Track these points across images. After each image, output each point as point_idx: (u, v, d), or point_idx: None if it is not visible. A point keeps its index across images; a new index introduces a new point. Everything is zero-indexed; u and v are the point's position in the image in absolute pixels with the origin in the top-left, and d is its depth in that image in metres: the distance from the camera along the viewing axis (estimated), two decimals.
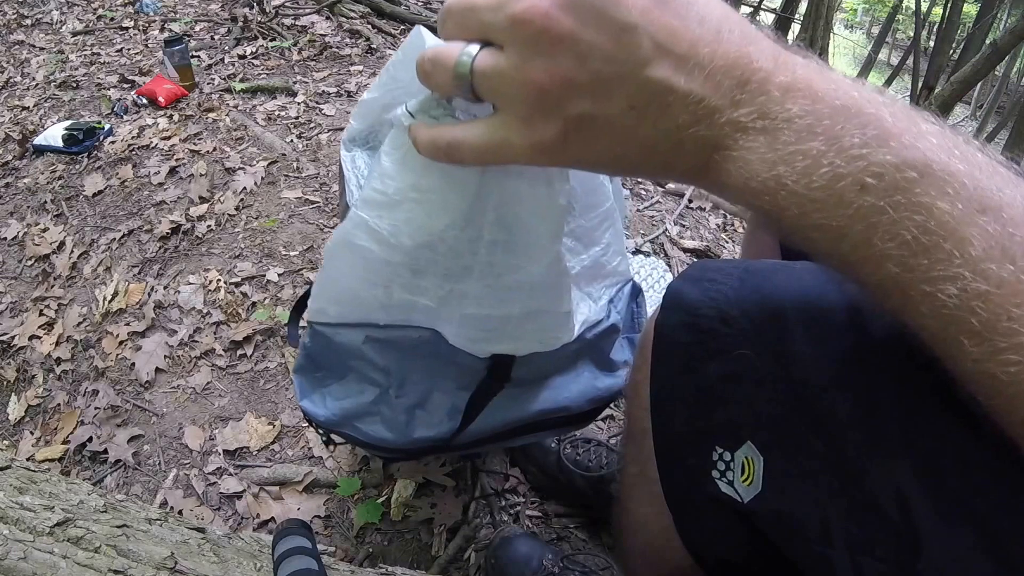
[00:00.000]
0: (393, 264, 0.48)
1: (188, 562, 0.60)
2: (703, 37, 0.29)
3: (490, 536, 0.96)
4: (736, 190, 0.30)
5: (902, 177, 0.26)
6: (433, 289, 0.49)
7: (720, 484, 0.43)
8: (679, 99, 0.29)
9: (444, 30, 0.34)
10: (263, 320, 1.36)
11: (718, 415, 0.43)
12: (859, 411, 0.37)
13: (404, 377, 0.58)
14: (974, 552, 0.33)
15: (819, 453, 0.38)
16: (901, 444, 0.35)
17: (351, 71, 2.45)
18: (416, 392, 0.58)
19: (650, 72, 0.29)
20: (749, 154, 0.29)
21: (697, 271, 0.49)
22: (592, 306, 0.58)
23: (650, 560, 0.59)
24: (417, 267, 0.48)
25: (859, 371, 0.38)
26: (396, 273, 0.49)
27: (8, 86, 2.53)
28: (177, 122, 2.10)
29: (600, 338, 0.61)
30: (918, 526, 0.34)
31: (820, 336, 0.40)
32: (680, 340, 0.46)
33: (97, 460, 1.15)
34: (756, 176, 0.29)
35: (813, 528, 0.38)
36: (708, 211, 1.96)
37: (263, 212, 1.67)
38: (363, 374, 0.58)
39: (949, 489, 0.34)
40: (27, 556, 0.54)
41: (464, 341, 0.54)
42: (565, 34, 0.29)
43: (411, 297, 0.50)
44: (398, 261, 0.47)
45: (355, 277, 0.50)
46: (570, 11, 0.29)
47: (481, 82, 0.32)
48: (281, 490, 1.07)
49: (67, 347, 1.37)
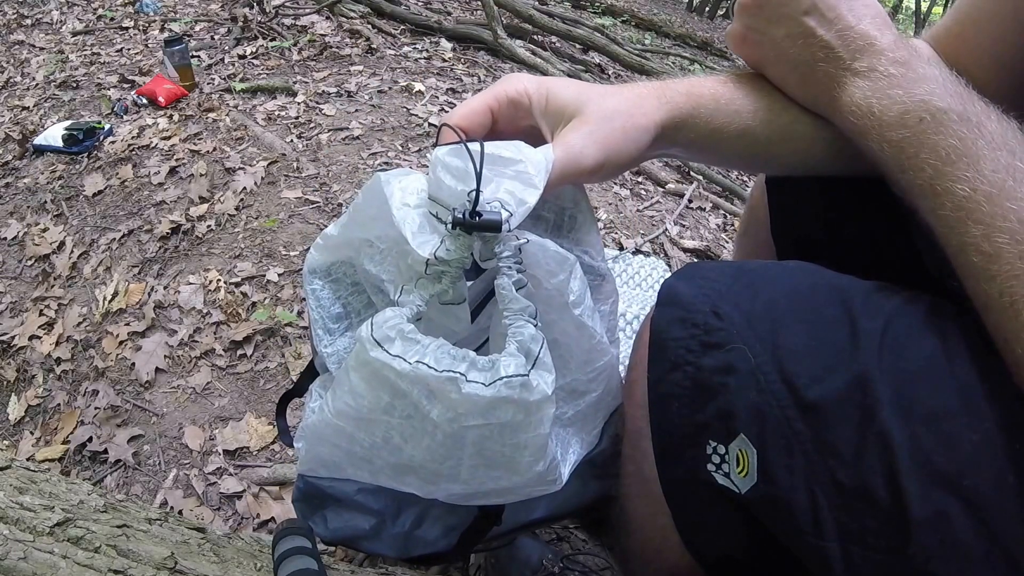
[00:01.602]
0: (375, 465, 0.48)
1: (188, 562, 0.60)
2: (848, 13, 0.46)
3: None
4: (843, 110, 0.45)
5: (945, 117, 0.40)
6: (417, 486, 0.50)
7: (717, 477, 0.44)
8: (818, 41, 0.46)
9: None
10: (263, 320, 1.36)
11: (712, 408, 0.44)
12: (850, 400, 0.38)
13: (399, 508, 0.60)
14: (965, 533, 0.34)
15: (810, 443, 0.39)
16: (892, 429, 0.36)
17: (351, 71, 2.45)
18: (411, 517, 0.60)
19: (805, 19, 0.46)
20: (856, 89, 0.45)
21: (691, 269, 0.50)
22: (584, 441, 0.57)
23: (649, 559, 0.59)
24: (399, 469, 0.48)
25: (851, 362, 0.39)
26: (379, 469, 0.49)
27: (8, 86, 2.53)
28: (177, 122, 2.10)
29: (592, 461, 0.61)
30: (908, 510, 0.35)
31: (812, 330, 0.41)
32: (675, 335, 0.46)
33: (97, 460, 1.15)
34: (857, 101, 0.44)
35: (806, 519, 0.38)
36: (708, 211, 1.96)
37: (263, 212, 1.67)
38: (359, 508, 0.60)
39: (939, 470, 0.35)
40: (27, 556, 0.54)
41: (455, 502, 0.54)
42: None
43: (398, 484, 0.51)
44: (379, 466, 0.48)
45: (341, 459, 0.50)
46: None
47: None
48: (281, 490, 1.07)
49: (67, 347, 1.38)
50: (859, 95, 0.44)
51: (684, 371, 0.46)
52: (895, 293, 0.44)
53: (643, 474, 0.53)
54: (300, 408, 1.22)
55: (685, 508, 0.49)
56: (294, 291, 1.44)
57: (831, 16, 0.46)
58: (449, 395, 0.40)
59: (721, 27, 6.99)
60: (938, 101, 0.41)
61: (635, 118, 0.47)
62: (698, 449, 0.45)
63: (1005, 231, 0.36)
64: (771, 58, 0.50)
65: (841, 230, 0.60)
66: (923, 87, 0.42)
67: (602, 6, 4.03)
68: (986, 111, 0.41)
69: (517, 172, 0.42)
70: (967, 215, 0.38)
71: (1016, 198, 0.37)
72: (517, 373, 0.39)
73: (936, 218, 0.40)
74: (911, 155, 0.41)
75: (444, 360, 0.40)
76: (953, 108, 0.40)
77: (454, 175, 0.41)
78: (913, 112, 0.41)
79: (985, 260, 0.37)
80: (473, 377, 0.39)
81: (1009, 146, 0.39)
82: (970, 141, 0.39)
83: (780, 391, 0.40)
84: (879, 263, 0.54)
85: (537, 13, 3.10)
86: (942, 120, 0.40)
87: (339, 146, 1.94)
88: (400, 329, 0.41)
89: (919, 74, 0.43)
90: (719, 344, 0.44)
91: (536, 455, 0.44)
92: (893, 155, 0.42)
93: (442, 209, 0.42)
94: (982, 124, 0.40)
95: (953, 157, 0.39)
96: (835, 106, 0.46)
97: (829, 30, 0.46)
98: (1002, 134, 0.39)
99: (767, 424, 0.41)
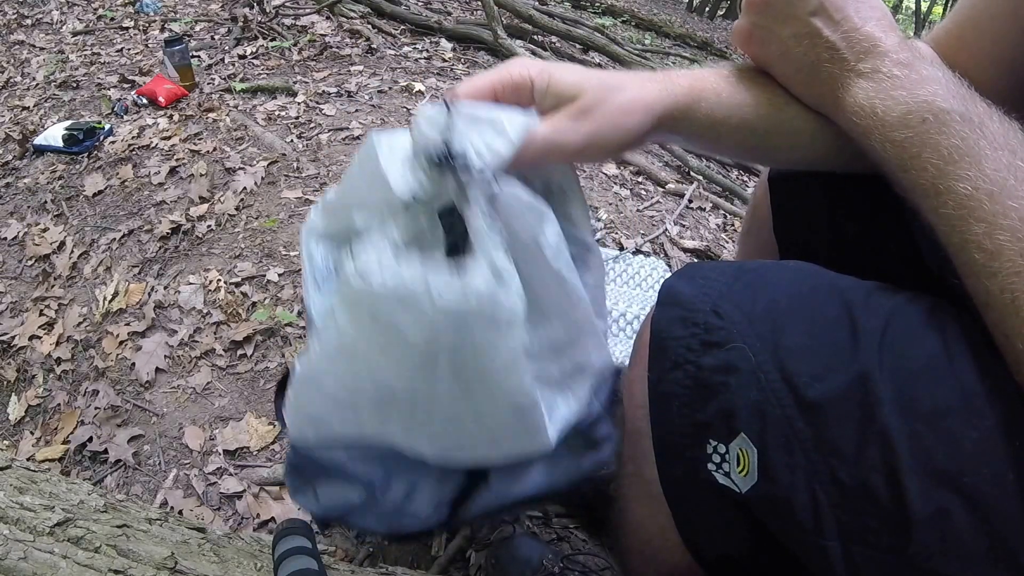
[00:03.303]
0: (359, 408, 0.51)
1: (188, 562, 0.60)
2: (854, 17, 0.46)
3: (490, 536, 0.96)
4: (846, 110, 0.46)
5: (948, 117, 0.41)
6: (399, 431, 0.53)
7: (717, 476, 0.44)
8: (824, 42, 0.46)
9: None
10: (263, 320, 1.36)
11: (713, 407, 0.44)
12: (851, 399, 0.38)
13: (389, 477, 0.61)
14: (966, 531, 0.34)
15: (811, 442, 0.39)
16: (893, 428, 0.36)
17: (351, 71, 2.45)
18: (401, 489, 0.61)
19: (812, 19, 0.46)
20: (859, 90, 0.45)
21: (691, 269, 0.50)
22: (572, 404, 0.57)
23: (648, 559, 0.59)
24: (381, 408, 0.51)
25: (851, 361, 0.39)
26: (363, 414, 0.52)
27: (8, 86, 2.53)
28: (177, 122, 2.10)
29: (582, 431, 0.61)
30: (909, 508, 0.35)
31: (813, 329, 0.41)
32: (675, 334, 0.47)
33: (97, 460, 1.15)
34: (860, 102, 0.45)
35: (807, 518, 0.38)
36: (708, 211, 1.96)
37: (263, 212, 1.67)
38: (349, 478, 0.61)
39: (939, 468, 0.35)
40: (27, 556, 0.54)
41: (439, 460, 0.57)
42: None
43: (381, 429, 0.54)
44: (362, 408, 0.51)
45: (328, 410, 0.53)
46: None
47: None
48: (281, 490, 1.07)
49: (67, 347, 1.38)
50: (862, 96, 0.45)
51: (685, 370, 0.46)
52: (895, 293, 0.44)
53: (643, 474, 0.53)
54: None
55: (685, 508, 0.49)
56: (294, 291, 1.44)
57: (838, 17, 0.46)
58: (423, 310, 0.43)
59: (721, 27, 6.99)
60: (941, 102, 0.41)
61: (632, 104, 0.48)
62: (698, 448, 0.45)
63: (1006, 228, 0.37)
64: (776, 57, 0.50)
65: (843, 230, 0.60)
66: (926, 88, 0.43)
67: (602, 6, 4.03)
68: (988, 112, 0.41)
69: (493, 125, 0.46)
70: (969, 213, 0.39)
71: (1017, 196, 0.37)
72: (487, 288, 0.43)
73: (938, 216, 0.41)
74: (914, 155, 0.42)
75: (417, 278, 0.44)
76: (955, 109, 0.41)
77: (432, 125, 0.45)
78: (916, 113, 0.42)
79: (987, 257, 0.38)
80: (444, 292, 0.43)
81: (1011, 146, 0.39)
82: (972, 141, 0.40)
83: (781, 390, 0.40)
84: (880, 263, 0.54)
85: (537, 13, 3.10)
86: (945, 120, 0.41)
87: (339, 146, 1.94)
88: (379, 257, 0.44)
89: (922, 75, 0.43)
90: (719, 343, 0.44)
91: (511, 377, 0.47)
92: (896, 155, 0.43)
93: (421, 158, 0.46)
94: (984, 124, 0.40)
95: (955, 156, 0.40)
96: (839, 106, 0.47)
97: (835, 31, 0.46)
98: (1004, 134, 0.40)
99: (768, 423, 0.41)
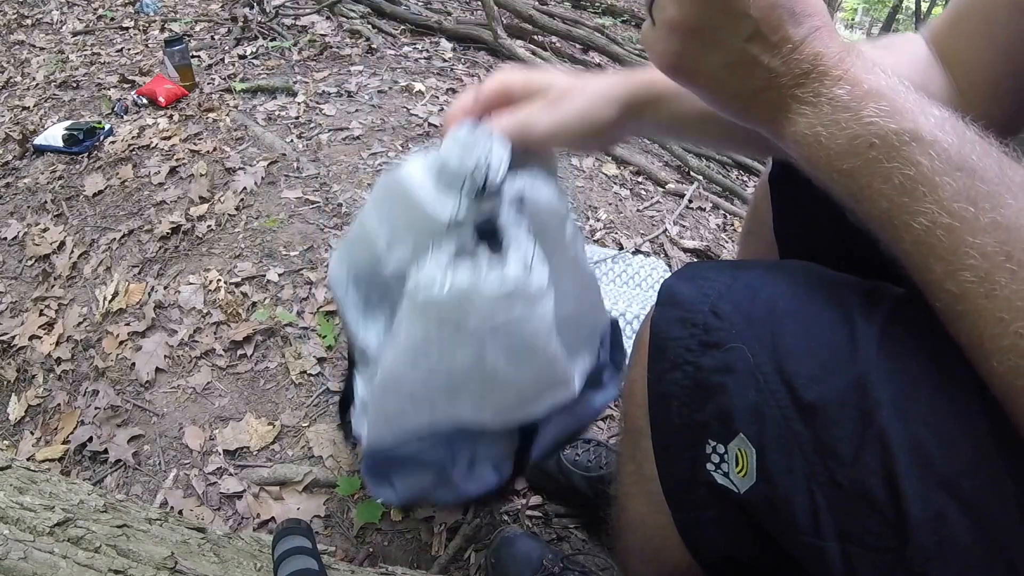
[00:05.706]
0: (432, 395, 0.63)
1: (188, 562, 0.61)
2: (794, 36, 0.39)
3: (490, 536, 0.96)
4: (788, 139, 0.42)
5: (897, 140, 0.37)
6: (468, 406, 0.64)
7: (716, 476, 0.44)
8: (761, 69, 0.41)
9: None
10: (263, 320, 1.36)
11: (711, 408, 0.44)
12: (849, 401, 0.38)
13: (454, 454, 0.71)
14: (963, 535, 0.34)
15: (809, 443, 0.39)
16: (891, 430, 0.36)
17: (351, 71, 2.45)
18: (465, 461, 0.72)
19: (748, 46, 0.40)
20: (800, 117, 0.40)
21: (690, 269, 0.50)
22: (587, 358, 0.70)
23: (648, 559, 0.59)
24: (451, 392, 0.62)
25: (850, 363, 0.39)
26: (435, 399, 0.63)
27: (8, 86, 2.53)
28: (177, 122, 2.10)
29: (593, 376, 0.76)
30: (907, 511, 0.35)
31: (811, 330, 0.41)
32: (674, 335, 0.47)
33: (97, 460, 1.15)
34: (802, 131, 0.41)
35: (805, 519, 0.39)
36: (708, 211, 1.96)
37: (263, 212, 1.67)
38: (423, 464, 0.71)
39: (937, 472, 0.35)
40: (27, 556, 0.54)
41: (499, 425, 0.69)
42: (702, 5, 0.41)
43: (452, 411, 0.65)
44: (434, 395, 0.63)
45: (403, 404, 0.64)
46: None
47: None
48: (281, 490, 1.07)
49: (67, 347, 1.38)
50: (803, 123, 0.40)
51: (684, 371, 0.46)
52: (895, 293, 0.44)
53: (643, 473, 0.53)
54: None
55: (685, 508, 0.49)
56: (294, 291, 1.44)
57: (775, 39, 0.40)
58: (475, 303, 0.54)
59: None
60: (887, 122, 0.37)
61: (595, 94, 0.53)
62: (698, 448, 0.45)
63: (967, 267, 0.34)
64: (707, 86, 0.44)
65: (844, 230, 0.60)
66: (871, 106, 0.38)
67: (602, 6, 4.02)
68: (940, 123, 0.37)
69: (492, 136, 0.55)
70: (929, 250, 0.36)
71: (977, 230, 0.34)
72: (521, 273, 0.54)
73: (898, 251, 0.39)
74: (864, 185, 0.38)
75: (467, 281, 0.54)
76: (904, 128, 0.37)
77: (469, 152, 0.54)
78: (862, 137, 0.38)
79: (952, 299, 0.36)
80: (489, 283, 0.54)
81: (968, 164, 0.35)
82: (925, 167, 0.36)
83: (779, 391, 0.40)
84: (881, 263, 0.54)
85: (537, 13, 3.10)
86: (892, 144, 0.37)
87: (339, 146, 1.94)
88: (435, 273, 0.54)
89: (865, 89, 0.39)
90: (718, 344, 0.44)
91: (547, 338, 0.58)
92: (845, 185, 0.40)
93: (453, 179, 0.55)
94: (936, 141, 0.36)
95: (908, 186, 0.36)
96: (780, 135, 0.42)
97: (775, 57, 0.40)
98: (959, 149, 0.36)
99: (766, 424, 0.41)
